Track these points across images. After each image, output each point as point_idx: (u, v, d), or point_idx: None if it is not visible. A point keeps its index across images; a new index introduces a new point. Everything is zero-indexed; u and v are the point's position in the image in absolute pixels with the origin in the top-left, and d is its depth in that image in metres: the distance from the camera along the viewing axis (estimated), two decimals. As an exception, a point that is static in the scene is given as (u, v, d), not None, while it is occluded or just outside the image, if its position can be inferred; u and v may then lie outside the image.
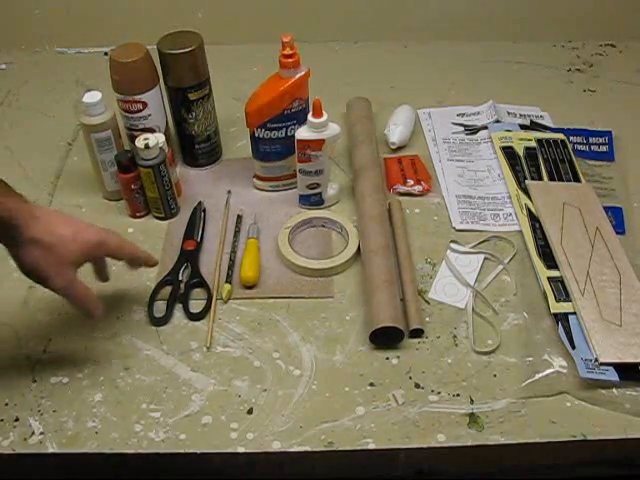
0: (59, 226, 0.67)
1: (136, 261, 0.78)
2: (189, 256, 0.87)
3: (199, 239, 0.89)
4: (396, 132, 1.03)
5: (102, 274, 0.78)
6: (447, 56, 1.27)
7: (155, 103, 0.93)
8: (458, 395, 0.72)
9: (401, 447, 0.68)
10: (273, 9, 1.27)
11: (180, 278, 0.84)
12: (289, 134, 0.91)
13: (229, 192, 0.97)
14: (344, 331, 0.79)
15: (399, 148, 1.04)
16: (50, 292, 0.69)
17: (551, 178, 0.96)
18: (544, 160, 0.99)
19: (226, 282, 0.83)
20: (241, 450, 0.68)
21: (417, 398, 0.72)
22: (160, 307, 0.81)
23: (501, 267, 0.85)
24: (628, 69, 1.23)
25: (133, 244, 0.78)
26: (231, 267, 0.85)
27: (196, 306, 0.81)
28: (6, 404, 0.72)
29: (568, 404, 0.71)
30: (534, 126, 1.07)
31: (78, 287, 0.69)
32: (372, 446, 0.68)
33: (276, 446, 0.68)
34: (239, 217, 0.93)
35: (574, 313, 0.77)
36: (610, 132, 1.05)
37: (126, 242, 0.76)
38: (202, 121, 0.96)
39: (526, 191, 0.94)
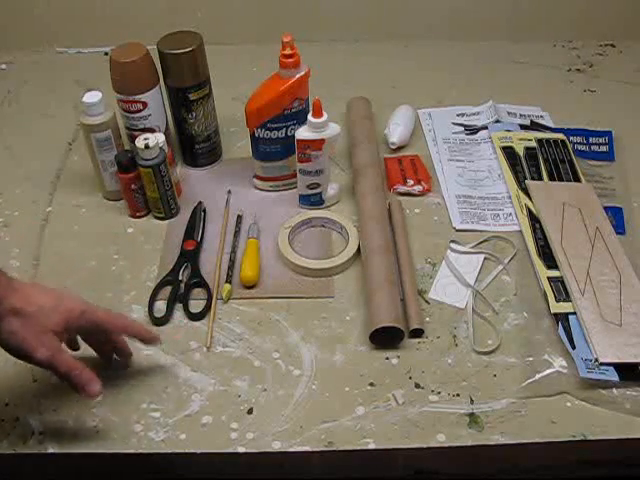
0: (39, 296, 0.64)
1: (131, 334, 0.72)
2: (189, 256, 0.87)
3: (199, 239, 0.89)
4: (396, 132, 1.03)
5: (72, 344, 0.72)
6: (447, 56, 1.27)
7: (155, 103, 0.93)
8: (458, 395, 0.72)
9: (401, 447, 0.68)
10: (273, 9, 1.27)
11: (180, 278, 0.84)
12: (289, 134, 0.91)
13: (229, 192, 0.97)
14: (344, 331, 0.79)
15: (399, 148, 1.04)
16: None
17: (551, 178, 0.96)
18: (544, 160, 0.99)
19: (226, 282, 0.83)
20: (241, 450, 0.68)
21: (417, 398, 0.72)
22: (160, 307, 0.81)
23: (501, 267, 0.85)
24: (628, 69, 1.23)
25: (126, 318, 0.74)
26: (231, 267, 0.85)
27: (196, 306, 0.81)
28: (6, 404, 0.72)
29: (568, 404, 0.71)
30: (534, 126, 1.07)
31: (65, 358, 0.64)
32: (372, 446, 0.68)
33: (276, 446, 0.68)
34: (239, 217, 0.93)
35: (574, 313, 0.77)
36: (610, 132, 1.05)
37: (118, 316, 0.72)
38: (202, 121, 0.96)
39: (526, 191, 0.94)
